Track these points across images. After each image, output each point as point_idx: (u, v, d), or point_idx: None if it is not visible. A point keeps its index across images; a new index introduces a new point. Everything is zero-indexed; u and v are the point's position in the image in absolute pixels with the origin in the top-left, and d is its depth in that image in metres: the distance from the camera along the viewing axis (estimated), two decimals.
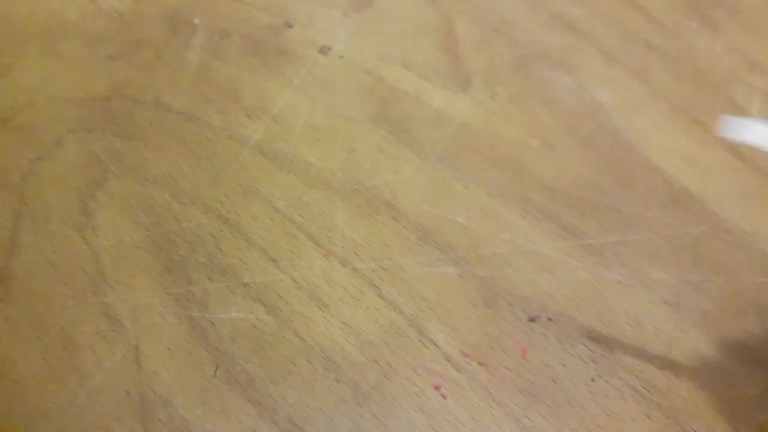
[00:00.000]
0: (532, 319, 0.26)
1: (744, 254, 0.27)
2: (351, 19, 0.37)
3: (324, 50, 0.35)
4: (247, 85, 0.33)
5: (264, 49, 0.35)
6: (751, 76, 0.34)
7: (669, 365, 0.24)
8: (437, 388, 0.24)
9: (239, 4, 0.37)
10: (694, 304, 0.26)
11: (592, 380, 0.24)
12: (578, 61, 0.35)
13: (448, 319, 0.26)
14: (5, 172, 0.30)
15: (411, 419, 0.23)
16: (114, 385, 0.24)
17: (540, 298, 0.26)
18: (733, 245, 0.27)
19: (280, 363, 0.24)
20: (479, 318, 0.26)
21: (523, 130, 0.32)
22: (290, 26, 0.36)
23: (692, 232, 0.28)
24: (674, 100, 0.33)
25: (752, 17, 0.37)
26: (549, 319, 0.26)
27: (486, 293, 0.26)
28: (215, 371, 0.24)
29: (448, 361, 0.25)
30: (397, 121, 0.32)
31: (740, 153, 0.31)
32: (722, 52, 0.35)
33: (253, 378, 0.24)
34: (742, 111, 0.32)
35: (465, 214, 0.28)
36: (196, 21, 0.36)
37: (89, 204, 0.29)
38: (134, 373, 0.24)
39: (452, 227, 0.28)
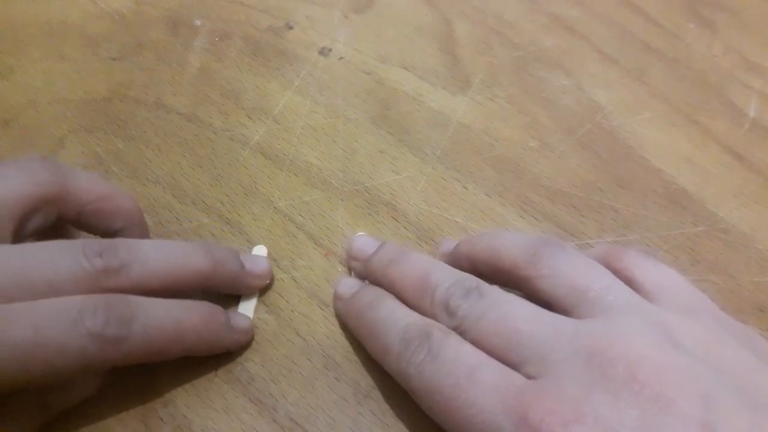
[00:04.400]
0: None
1: (742, 254, 0.27)
2: (351, 20, 0.37)
3: (324, 51, 0.35)
4: (248, 86, 0.34)
5: (265, 51, 0.35)
6: (749, 77, 0.34)
7: None
8: None
9: (240, 6, 0.37)
10: None
11: None
12: (576, 62, 0.35)
13: None
14: None
15: (411, 417, 0.23)
16: (115, 384, 0.24)
17: None
18: (730, 245, 0.28)
19: (280, 362, 0.24)
20: None
21: (521, 130, 0.32)
22: (291, 28, 0.36)
23: (690, 232, 0.28)
24: (672, 101, 0.33)
25: (750, 19, 0.37)
26: None
27: None
28: (216, 370, 0.24)
29: None
30: (396, 122, 0.32)
31: (738, 153, 0.31)
32: (720, 53, 0.35)
33: (253, 377, 0.24)
34: (739, 111, 0.33)
35: (464, 214, 0.29)
36: (197, 22, 0.37)
37: None
38: (135, 371, 0.24)
39: (451, 227, 0.28)
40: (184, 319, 0.22)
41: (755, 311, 0.26)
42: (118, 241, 0.22)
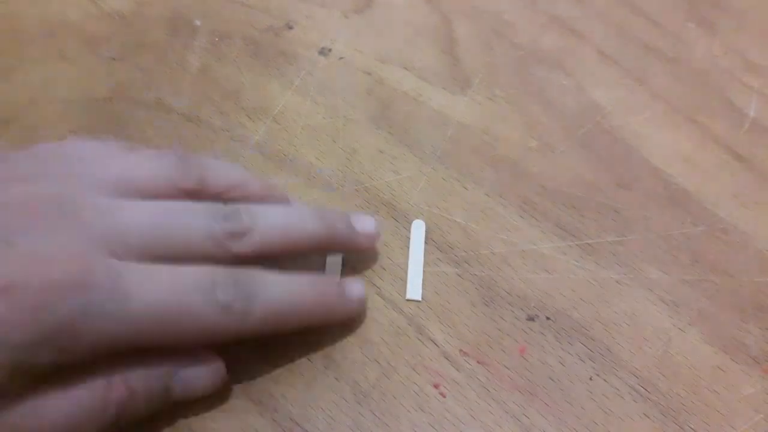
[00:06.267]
0: (530, 318, 0.26)
1: (741, 254, 0.27)
2: (351, 20, 0.37)
3: (324, 51, 0.35)
4: (248, 86, 0.34)
5: (265, 51, 0.35)
6: (749, 77, 0.34)
7: (667, 364, 0.25)
8: (436, 386, 0.24)
9: (240, 6, 0.37)
10: (692, 304, 0.26)
11: (591, 379, 0.24)
12: (577, 62, 0.35)
13: (447, 318, 0.26)
14: None
15: (410, 417, 0.23)
16: None
17: (538, 297, 0.26)
18: (730, 245, 0.28)
19: (280, 362, 0.24)
20: (478, 317, 0.26)
21: (521, 130, 0.32)
22: (291, 28, 0.36)
23: (690, 232, 0.28)
24: (672, 100, 0.33)
25: (750, 18, 0.37)
26: (547, 318, 0.26)
27: (485, 292, 0.26)
28: None
29: (447, 359, 0.25)
30: (397, 122, 0.32)
31: (738, 153, 0.31)
32: (720, 53, 0.35)
33: (253, 376, 0.24)
34: (739, 111, 0.33)
35: (464, 214, 0.29)
36: (197, 22, 0.37)
37: None
38: None
39: (451, 227, 0.28)
40: (302, 293, 0.23)
41: (755, 311, 0.26)
42: (241, 207, 0.23)
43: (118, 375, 0.20)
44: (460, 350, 0.25)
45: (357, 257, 0.27)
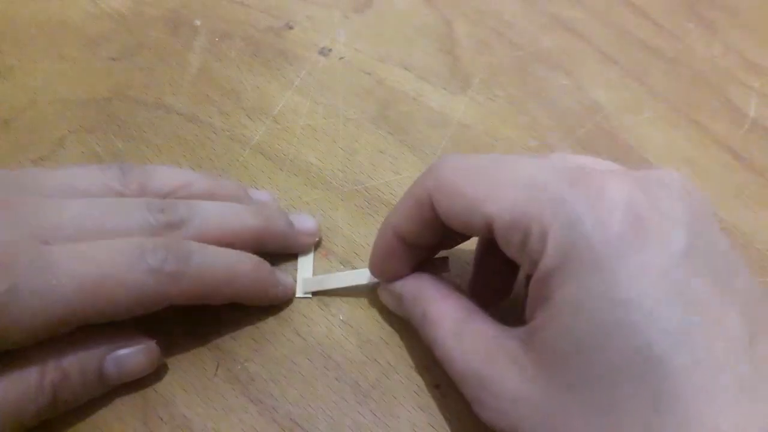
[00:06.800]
0: None
1: (741, 254, 0.27)
2: (351, 20, 0.37)
3: (324, 51, 0.35)
4: (248, 86, 0.34)
5: (265, 51, 0.35)
6: (748, 76, 0.34)
7: None
8: (437, 386, 0.24)
9: (240, 6, 0.37)
10: None
11: None
12: (576, 62, 0.35)
13: None
14: None
15: (410, 417, 0.23)
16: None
17: None
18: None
19: (280, 362, 0.25)
20: None
21: (521, 130, 0.32)
22: (291, 28, 0.36)
23: None
24: (672, 100, 0.33)
25: (749, 18, 0.37)
26: None
27: None
28: (216, 370, 0.24)
29: None
30: (396, 122, 0.32)
31: (738, 153, 0.31)
32: (719, 53, 0.35)
33: (253, 376, 0.24)
34: (739, 111, 0.33)
35: None
36: (197, 22, 0.37)
37: None
38: None
39: None
40: (235, 262, 0.24)
41: None
42: (178, 201, 0.24)
43: (51, 359, 0.21)
44: None
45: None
